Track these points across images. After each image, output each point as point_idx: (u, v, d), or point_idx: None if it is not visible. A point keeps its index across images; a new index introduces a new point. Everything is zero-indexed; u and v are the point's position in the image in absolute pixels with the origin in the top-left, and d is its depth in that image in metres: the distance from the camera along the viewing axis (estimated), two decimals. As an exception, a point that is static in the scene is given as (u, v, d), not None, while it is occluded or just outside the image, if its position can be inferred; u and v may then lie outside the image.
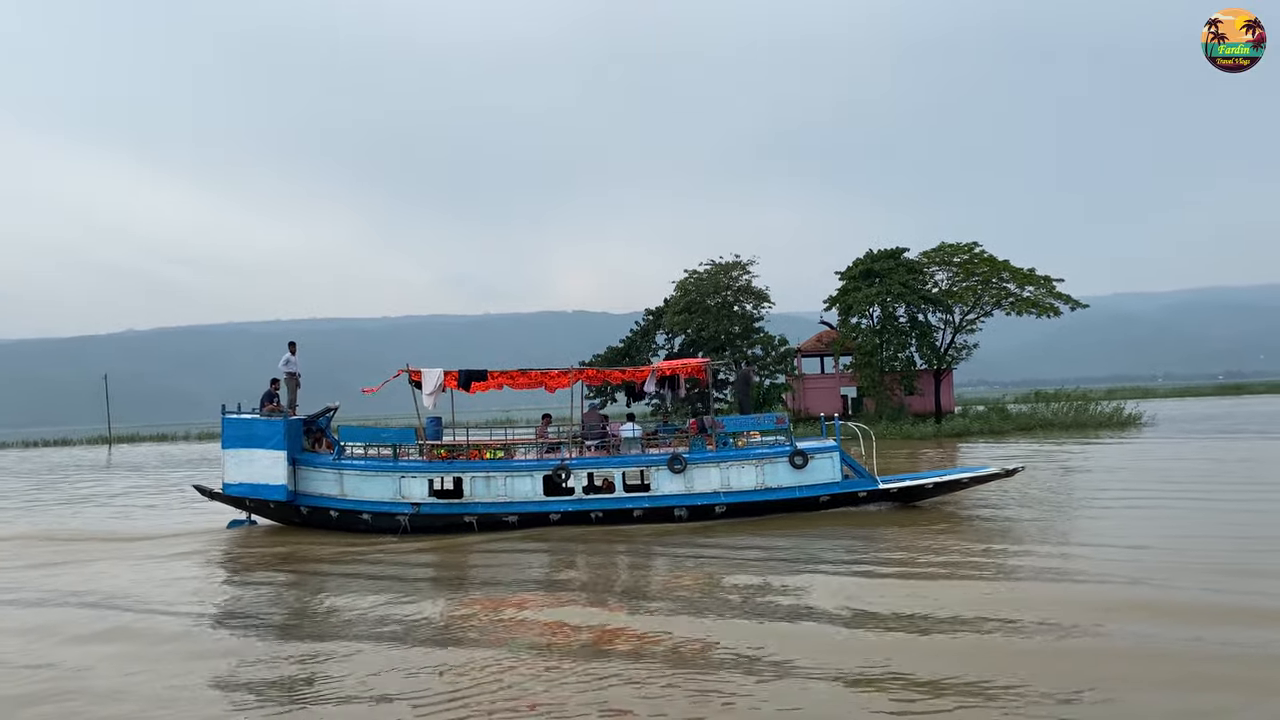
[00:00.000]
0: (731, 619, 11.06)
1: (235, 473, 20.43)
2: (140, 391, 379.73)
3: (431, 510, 19.60)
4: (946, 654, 9.24)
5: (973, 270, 51.40)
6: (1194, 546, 14.44)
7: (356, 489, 19.95)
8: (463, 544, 18.08)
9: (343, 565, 16.40)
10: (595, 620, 11.33)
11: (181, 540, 19.81)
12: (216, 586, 15.04)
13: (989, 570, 13.37)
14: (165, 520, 23.78)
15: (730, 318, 55.38)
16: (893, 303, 50.07)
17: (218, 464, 22.24)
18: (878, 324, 50.73)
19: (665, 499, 19.38)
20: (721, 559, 15.23)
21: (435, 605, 12.72)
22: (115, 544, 19.80)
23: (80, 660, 10.42)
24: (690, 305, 55.69)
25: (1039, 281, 51.00)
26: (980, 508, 19.57)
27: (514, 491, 19.53)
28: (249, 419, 20.54)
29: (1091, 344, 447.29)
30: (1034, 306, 50.54)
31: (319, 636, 11.13)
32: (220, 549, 18.77)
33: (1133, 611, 10.52)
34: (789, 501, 19.42)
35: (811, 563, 14.64)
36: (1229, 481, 22.63)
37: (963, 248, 52.23)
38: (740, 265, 57.30)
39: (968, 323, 52.48)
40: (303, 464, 20.29)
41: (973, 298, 51.70)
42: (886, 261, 50.58)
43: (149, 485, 35.98)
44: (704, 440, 20.11)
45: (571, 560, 16.10)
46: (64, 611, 13.12)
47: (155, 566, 16.72)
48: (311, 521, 20.29)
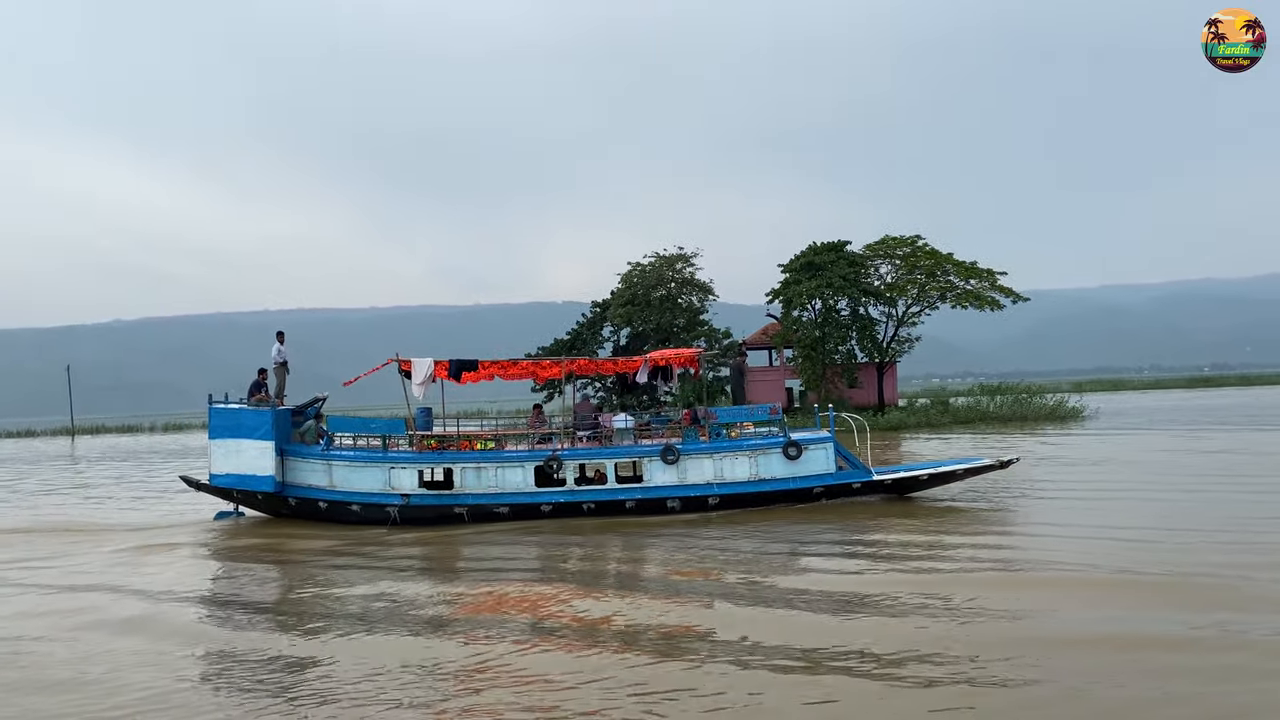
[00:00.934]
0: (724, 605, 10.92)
1: (222, 463, 20.15)
2: (125, 383, 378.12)
3: (421, 501, 19.37)
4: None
5: (916, 263, 51.15)
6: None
7: (345, 480, 19.70)
8: (453, 536, 17.90)
9: (331, 558, 16.18)
10: (581, 611, 11.17)
11: (165, 533, 19.56)
12: (201, 579, 14.81)
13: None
14: (149, 514, 23.52)
15: (674, 310, 55.07)
16: (832, 295, 49.81)
17: (151, 461, 21.90)
18: (818, 317, 50.48)
19: (658, 490, 19.20)
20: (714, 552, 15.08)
21: (426, 596, 12.52)
22: (94, 535, 19.53)
23: (56, 651, 10.20)
24: (633, 298, 55.32)
25: (982, 274, 50.74)
26: (975, 499, 19.47)
27: (505, 483, 19.32)
28: (236, 409, 20.27)
29: (1078, 336, 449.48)
30: (976, 299, 50.36)
31: (307, 631, 10.91)
32: (207, 541, 18.54)
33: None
34: (783, 493, 19.27)
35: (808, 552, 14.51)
36: (1121, 478, 22.41)
37: (905, 241, 51.95)
38: (684, 257, 57.05)
39: (910, 316, 52.22)
40: (291, 454, 20.03)
41: (915, 290, 51.45)
42: (828, 254, 50.33)
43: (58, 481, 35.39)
44: (697, 431, 19.93)
45: (563, 553, 15.93)
46: (44, 602, 12.86)
47: (138, 560, 16.45)
48: (300, 513, 20.03)
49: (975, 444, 33.93)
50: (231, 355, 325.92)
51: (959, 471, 20.01)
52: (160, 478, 34.11)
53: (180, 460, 42.71)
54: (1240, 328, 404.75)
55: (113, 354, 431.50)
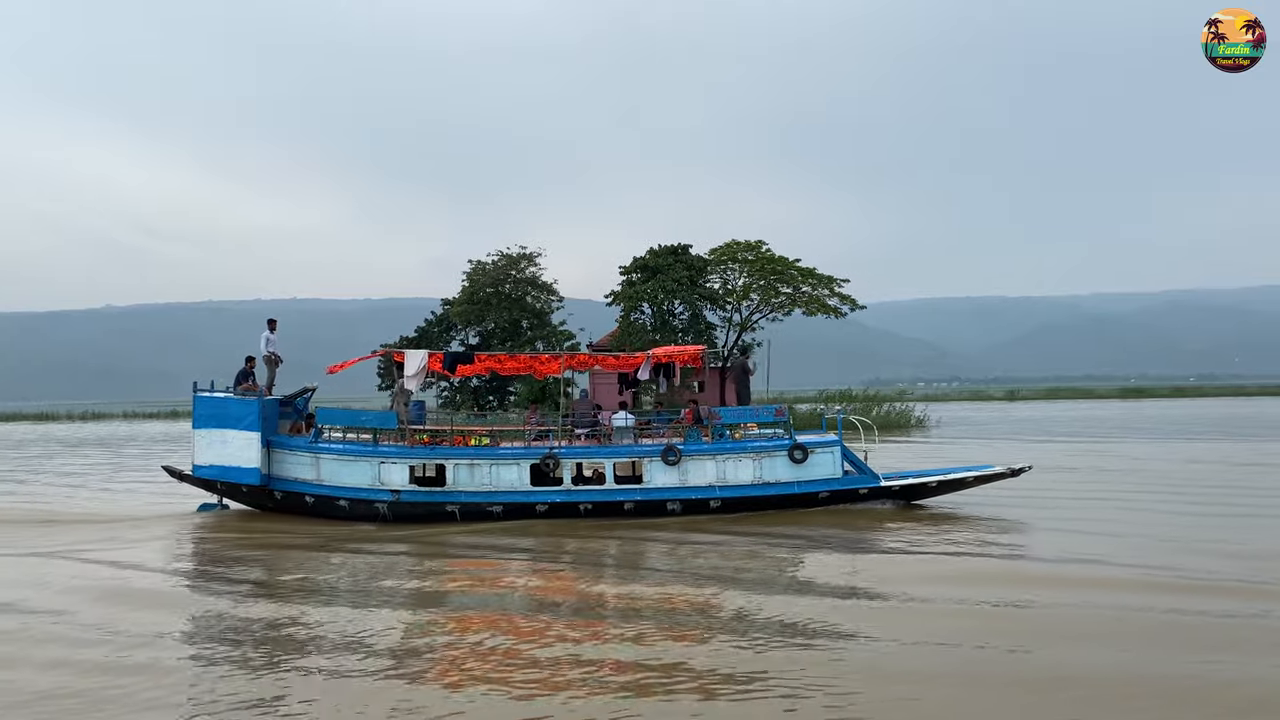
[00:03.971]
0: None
1: (206, 454, 19.42)
2: (117, 369, 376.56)
3: (412, 498, 18.68)
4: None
5: (759, 269, 50.03)
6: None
7: (334, 474, 19.00)
8: (444, 535, 17.23)
9: (316, 554, 15.48)
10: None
11: (147, 525, 18.85)
12: (183, 574, 14.10)
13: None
14: (133, 502, 22.80)
15: (518, 309, 54.21)
16: (666, 299, 48.89)
17: (81, 452, 21.12)
18: (653, 320, 49.47)
19: (658, 492, 18.53)
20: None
21: (407, 600, 11.85)
22: (70, 527, 18.81)
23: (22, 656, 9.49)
24: (474, 296, 54.42)
25: (822, 281, 49.95)
26: (981, 507, 18.89)
27: (499, 480, 18.64)
28: (222, 398, 19.53)
29: (1069, 343, 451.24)
30: (815, 304, 49.61)
31: (288, 638, 10.23)
32: (189, 534, 17.84)
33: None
34: (787, 497, 18.62)
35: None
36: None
37: (749, 246, 50.86)
38: (528, 257, 56.35)
39: (751, 322, 51.12)
40: (277, 446, 19.32)
41: (759, 295, 50.38)
42: (667, 257, 49.47)
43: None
44: (700, 431, 19.27)
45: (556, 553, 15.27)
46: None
47: (116, 553, 15.71)
48: (286, 507, 19.33)
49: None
50: (223, 343, 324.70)
51: (970, 478, 19.39)
52: (133, 466, 33.36)
53: (163, 448, 41.96)
54: (1231, 337, 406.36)
55: (107, 340, 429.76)
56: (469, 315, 54.00)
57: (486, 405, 49.78)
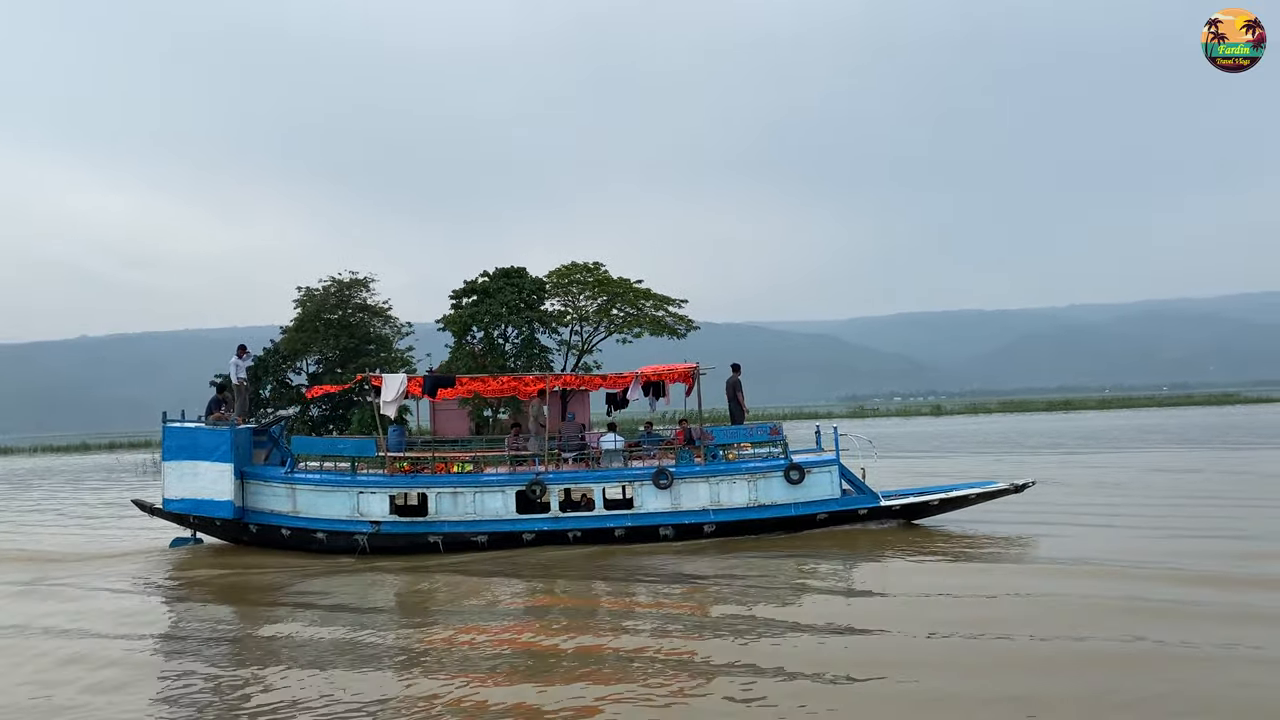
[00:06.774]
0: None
1: (177, 487, 18.55)
2: (89, 400, 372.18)
3: (393, 529, 17.89)
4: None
5: (597, 290, 49.26)
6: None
7: (311, 505, 18.18)
8: (427, 567, 16.44)
9: (292, 592, 14.66)
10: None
11: (116, 562, 17.96)
12: (154, 614, 13.26)
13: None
14: (105, 537, 21.85)
15: (350, 334, 53.26)
16: (494, 323, 47.82)
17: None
18: (480, 345, 48.40)
19: (650, 517, 17.82)
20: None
21: (392, 635, 11.07)
22: (39, 565, 17.87)
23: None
24: (304, 324, 53.45)
25: (658, 301, 49.33)
26: (981, 524, 18.27)
27: (484, 509, 17.87)
28: (192, 428, 18.68)
29: (1046, 354, 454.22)
30: (659, 325, 48.81)
31: (261, 674, 9.44)
32: (160, 571, 16.96)
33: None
34: (784, 520, 17.95)
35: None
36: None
37: (586, 267, 50.09)
38: (361, 283, 55.67)
39: (590, 344, 50.33)
40: (251, 478, 18.49)
41: (599, 318, 49.66)
42: (500, 280, 48.44)
43: None
44: (692, 453, 18.58)
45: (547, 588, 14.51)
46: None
47: (85, 593, 14.84)
48: (261, 540, 18.50)
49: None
50: (198, 372, 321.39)
51: (972, 496, 18.80)
52: (108, 499, 32.30)
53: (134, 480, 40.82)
54: (1206, 345, 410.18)
55: (82, 370, 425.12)
56: (296, 343, 52.80)
57: (326, 434, 47.94)
